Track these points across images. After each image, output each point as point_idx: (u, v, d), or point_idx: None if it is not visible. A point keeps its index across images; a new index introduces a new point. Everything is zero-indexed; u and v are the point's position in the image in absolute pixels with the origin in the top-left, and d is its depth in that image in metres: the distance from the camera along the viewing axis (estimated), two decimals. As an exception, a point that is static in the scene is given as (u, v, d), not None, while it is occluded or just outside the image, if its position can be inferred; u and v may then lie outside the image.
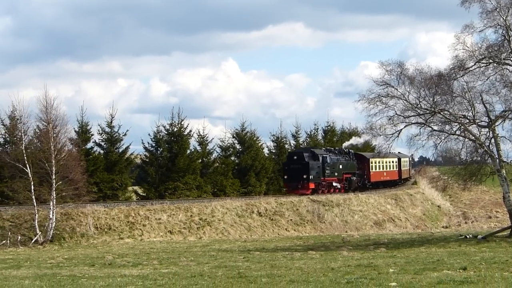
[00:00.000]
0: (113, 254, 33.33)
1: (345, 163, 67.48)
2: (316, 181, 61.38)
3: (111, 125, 58.08)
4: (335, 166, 64.97)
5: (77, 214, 44.50)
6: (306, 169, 60.12)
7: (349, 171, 68.26)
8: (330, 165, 63.55)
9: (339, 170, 65.77)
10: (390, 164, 78.18)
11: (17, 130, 46.31)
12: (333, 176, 64.33)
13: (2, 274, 23.93)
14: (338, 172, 65.44)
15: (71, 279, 21.44)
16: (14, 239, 40.72)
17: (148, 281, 20.25)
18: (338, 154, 67.67)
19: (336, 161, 65.49)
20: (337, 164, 65.48)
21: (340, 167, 65.98)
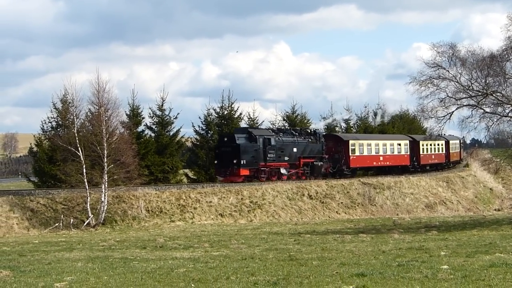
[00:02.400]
0: (164, 237, 33.52)
1: (304, 146, 57.50)
2: (252, 166, 52.50)
3: (162, 108, 58.55)
4: (285, 149, 55.37)
5: (128, 197, 44.87)
6: (237, 153, 51.38)
7: (312, 155, 58.50)
8: (275, 147, 54.20)
9: (293, 154, 56.13)
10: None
11: (69, 113, 46.75)
12: (281, 161, 54.91)
13: (55, 256, 24.22)
14: (291, 157, 55.86)
15: (123, 261, 21.61)
16: (66, 222, 41.22)
17: (199, 264, 20.32)
18: (295, 135, 57.59)
19: (287, 143, 55.83)
20: (289, 147, 55.92)
21: (294, 150, 56.22)
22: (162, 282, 16.62)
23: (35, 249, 27.47)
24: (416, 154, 71.94)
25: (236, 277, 17.24)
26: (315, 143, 58.98)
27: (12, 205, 40.88)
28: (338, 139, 62.97)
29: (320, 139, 59.84)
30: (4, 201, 40.90)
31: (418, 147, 71.93)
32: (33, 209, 41.39)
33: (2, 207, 40.47)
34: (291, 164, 56.20)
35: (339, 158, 61.75)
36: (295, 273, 17.55)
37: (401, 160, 68.82)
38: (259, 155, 52.74)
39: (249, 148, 52.11)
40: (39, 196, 42.66)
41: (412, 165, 70.80)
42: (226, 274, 17.67)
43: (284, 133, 57.15)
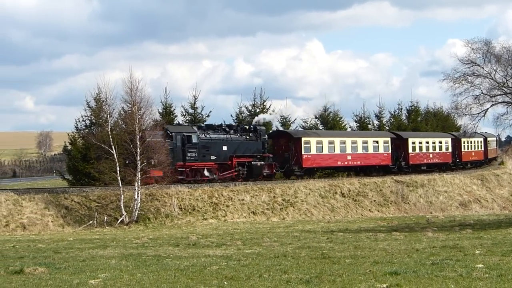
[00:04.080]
0: (197, 235, 33.61)
1: (238, 144, 51.32)
2: (166, 166, 45.65)
3: (195, 107, 58.88)
4: (211, 148, 49.45)
5: (161, 195, 45.05)
6: (147, 152, 45.05)
7: (249, 155, 52.26)
8: (198, 146, 48.26)
9: (222, 152, 50.05)
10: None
11: (103, 112, 47.01)
12: (205, 161, 48.89)
13: (90, 253, 24.40)
14: (219, 156, 49.92)
15: (156, 259, 21.71)
16: (100, 220, 41.49)
17: (232, 262, 20.34)
18: (228, 132, 51.54)
19: (215, 141, 50.02)
20: (217, 145, 49.96)
21: (223, 148, 50.07)
22: (195, 280, 16.67)
23: (69, 246, 27.70)
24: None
25: (268, 275, 17.24)
26: (254, 140, 52.69)
27: (47, 203, 41.27)
28: (289, 137, 56.70)
29: (261, 136, 53.39)
30: (39, 199, 41.32)
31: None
32: (68, 207, 41.74)
33: (38, 204, 40.88)
34: (220, 164, 50.24)
35: (289, 157, 55.14)
36: (327, 271, 17.51)
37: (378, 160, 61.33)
38: (176, 155, 46.92)
39: (162, 147, 45.50)
40: (73, 194, 43.01)
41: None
42: (258, 272, 17.68)
43: (214, 129, 51.18)
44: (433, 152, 66.91)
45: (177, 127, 49.56)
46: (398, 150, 63.81)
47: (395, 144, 63.31)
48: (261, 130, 53.98)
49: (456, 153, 70.68)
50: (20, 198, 40.91)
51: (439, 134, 72.19)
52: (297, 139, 55.55)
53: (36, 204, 40.89)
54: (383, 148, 61.50)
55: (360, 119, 73.21)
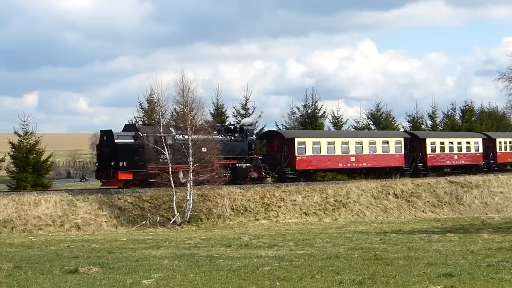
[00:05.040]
0: (249, 235, 33.62)
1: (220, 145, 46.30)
2: (137, 169, 44.03)
3: (246, 107, 59.12)
4: (188, 149, 44.04)
5: (213, 196, 45.19)
6: (114, 154, 43.53)
7: (233, 156, 48.38)
8: (173, 147, 44.41)
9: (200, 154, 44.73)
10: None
11: (155, 113, 47.31)
12: (181, 163, 44.17)
13: (142, 253, 24.56)
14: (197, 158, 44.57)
15: (209, 259, 21.75)
16: (153, 220, 41.77)
17: (284, 262, 20.30)
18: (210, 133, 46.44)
19: None
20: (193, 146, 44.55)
21: (202, 150, 44.68)
22: (247, 280, 16.65)
23: (123, 247, 27.93)
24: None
25: (321, 276, 17.16)
26: (240, 141, 49.07)
27: (101, 203, 41.72)
28: (281, 137, 53.37)
29: (248, 137, 49.73)
30: (93, 199, 41.79)
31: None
32: (121, 207, 42.13)
33: (92, 205, 41.35)
34: (199, 166, 45.08)
35: (281, 159, 51.55)
36: (381, 273, 17.37)
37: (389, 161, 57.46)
38: (148, 156, 44.00)
39: (133, 148, 43.71)
40: (126, 195, 43.39)
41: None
42: (311, 273, 17.61)
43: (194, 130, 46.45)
44: (459, 153, 62.39)
45: (150, 127, 45.90)
46: (415, 151, 60.04)
47: (411, 145, 59.89)
48: (248, 130, 50.28)
49: (489, 154, 66.22)
50: (75, 199, 41.44)
51: (467, 134, 68.00)
52: (290, 139, 52.14)
53: (90, 204, 41.37)
54: (394, 148, 57.79)
55: (413, 119, 72.55)
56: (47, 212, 39.83)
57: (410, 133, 62.88)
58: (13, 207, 39.27)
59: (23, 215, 39.06)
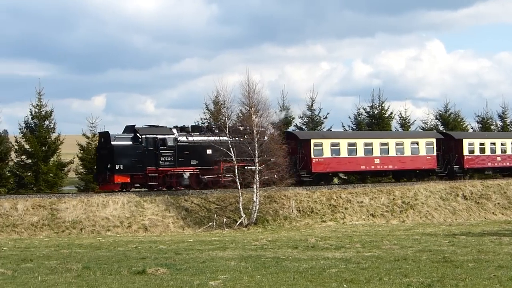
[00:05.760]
0: (316, 237, 33.50)
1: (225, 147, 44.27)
2: (135, 172, 43.09)
3: (312, 108, 58.97)
4: (191, 151, 44.82)
5: (279, 197, 45.15)
6: (111, 156, 42.61)
7: (242, 159, 44.75)
8: (174, 149, 44.01)
9: (205, 156, 44.94)
10: None
11: (221, 114, 47.46)
12: (184, 165, 44.21)
13: (209, 255, 24.67)
14: (202, 160, 44.96)
15: (275, 261, 21.73)
16: (219, 221, 41.93)
17: (351, 264, 20.16)
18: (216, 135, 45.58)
19: (197, 144, 45.20)
20: (200, 149, 45.05)
21: (208, 152, 44.72)
22: (314, 282, 16.59)
23: (190, 248, 28.09)
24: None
25: (388, 278, 17.00)
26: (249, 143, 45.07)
27: (168, 205, 42.06)
28: (295, 139, 50.20)
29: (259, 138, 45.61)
30: (160, 201, 42.16)
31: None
32: (188, 209, 42.41)
33: (159, 206, 41.72)
34: (204, 169, 45.12)
35: (295, 161, 48.91)
36: (450, 275, 17.13)
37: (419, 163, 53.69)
38: (147, 159, 43.13)
39: (130, 151, 42.89)
40: (193, 196, 43.66)
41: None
42: (378, 275, 17.46)
43: (201, 131, 46.48)
44: (503, 154, 57.24)
45: (150, 129, 44.88)
46: (450, 152, 55.87)
47: (446, 146, 56.08)
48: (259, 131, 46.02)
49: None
50: (142, 200, 41.86)
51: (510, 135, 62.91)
52: (305, 141, 49.46)
53: (157, 206, 41.74)
54: (425, 150, 54.11)
55: (482, 120, 71.23)
56: (115, 213, 40.35)
57: (444, 133, 59.31)
58: (81, 209, 39.90)
59: (92, 217, 39.65)
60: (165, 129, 45.31)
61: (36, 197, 40.30)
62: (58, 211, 39.36)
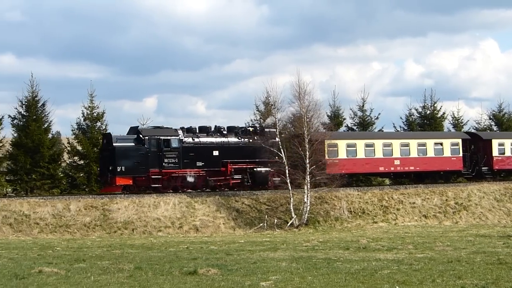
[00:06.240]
0: (367, 238, 33.28)
1: (234, 148, 45.03)
2: (137, 174, 42.53)
3: (363, 109, 58.75)
4: (197, 153, 43.95)
5: (331, 198, 44.98)
6: (113, 158, 42.09)
7: (251, 160, 44.82)
8: (179, 151, 43.32)
9: (212, 158, 44.21)
10: None
11: (271, 115, 47.44)
12: (189, 167, 43.61)
13: (260, 255, 24.63)
14: (208, 161, 44.07)
15: (327, 262, 21.61)
16: (270, 222, 41.90)
17: (403, 266, 19.97)
18: (225, 135, 45.45)
19: (202, 146, 44.30)
20: (206, 150, 44.24)
21: (215, 153, 44.25)
22: (366, 284, 16.45)
23: (240, 249, 28.10)
24: None
25: (442, 280, 16.80)
26: (260, 144, 44.01)
27: (219, 205, 42.18)
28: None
29: (269, 139, 44.37)
30: (211, 202, 42.30)
31: None
32: (238, 210, 42.48)
33: (210, 207, 41.86)
34: (210, 171, 44.33)
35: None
36: (505, 277, 16.86)
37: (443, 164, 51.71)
38: (150, 160, 42.55)
39: (132, 152, 42.33)
40: (243, 197, 43.71)
41: None
42: (431, 277, 17.25)
43: (208, 133, 45.32)
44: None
45: (153, 130, 44.53)
46: (478, 153, 53.53)
47: (475, 147, 54.03)
48: (270, 132, 45.51)
49: None
50: (193, 201, 42.05)
51: None
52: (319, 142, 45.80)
53: (208, 206, 41.89)
54: (450, 151, 51.88)
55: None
56: (166, 214, 40.59)
57: (472, 133, 57.07)
58: (133, 209, 40.24)
59: (143, 217, 39.96)
60: (169, 130, 44.67)
61: (88, 198, 40.75)
62: (110, 212, 39.76)
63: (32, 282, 17.13)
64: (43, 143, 47.58)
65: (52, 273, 18.74)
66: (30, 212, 38.69)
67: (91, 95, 51.07)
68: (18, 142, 47.95)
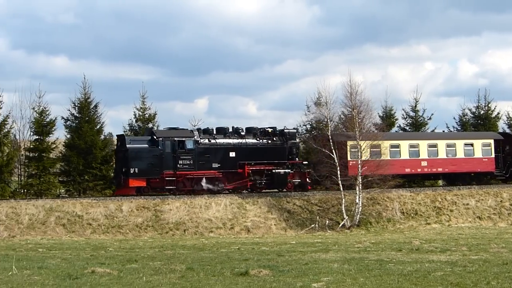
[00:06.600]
0: (420, 239, 32.93)
1: (251, 150, 44.67)
2: (151, 176, 42.16)
3: (416, 109, 58.29)
4: (213, 154, 43.60)
5: (383, 199, 44.66)
6: (126, 159, 41.92)
7: (270, 161, 44.89)
8: (194, 152, 42.97)
9: (228, 159, 43.86)
10: None
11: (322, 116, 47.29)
12: (205, 168, 43.29)
13: (312, 257, 24.52)
14: (224, 163, 43.70)
15: (379, 263, 21.42)
16: (322, 223, 41.75)
17: (457, 268, 19.69)
18: (242, 137, 44.91)
19: (218, 147, 43.93)
20: (221, 151, 43.88)
21: (231, 155, 44.00)
22: (419, 285, 16.26)
23: (292, 250, 28.02)
24: None
25: (497, 282, 16.53)
26: (279, 145, 45.14)
27: (270, 207, 42.16)
28: None
29: (289, 140, 45.54)
30: (262, 203, 42.31)
31: None
32: (290, 211, 42.42)
33: (261, 208, 41.88)
34: (226, 172, 43.94)
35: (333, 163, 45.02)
36: None
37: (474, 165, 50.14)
38: (164, 162, 42.20)
39: (145, 154, 42.06)
40: (295, 198, 43.64)
41: None
42: (486, 279, 16.97)
43: (225, 134, 44.79)
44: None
45: (167, 131, 44.08)
46: None
47: (510, 147, 51.60)
48: (290, 133, 45.97)
49: None
50: (244, 202, 42.11)
51: None
52: (341, 143, 45.14)
53: (259, 207, 41.91)
54: (481, 151, 50.20)
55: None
56: (218, 215, 40.71)
57: (506, 134, 54.91)
58: (185, 210, 40.43)
59: (195, 218, 40.13)
60: (185, 131, 44.33)
61: (140, 199, 41.03)
62: (162, 213, 40.01)
63: (85, 282, 17.27)
64: (95, 144, 48.15)
65: (105, 273, 18.88)
66: (83, 213, 39.13)
67: (142, 96, 51.58)
68: (71, 143, 48.58)
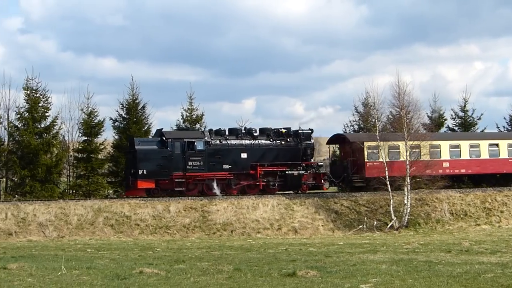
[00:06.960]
0: (470, 241, 32.57)
1: (264, 150, 43.93)
2: (160, 177, 41.62)
3: (465, 109, 57.65)
4: (224, 155, 42.91)
5: (431, 200, 44.25)
6: (134, 161, 41.42)
7: (282, 162, 44.02)
8: (204, 153, 42.26)
9: (240, 161, 43.11)
10: None
11: (371, 116, 47.11)
12: (216, 170, 42.64)
13: (360, 258, 24.39)
14: (236, 164, 43.03)
15: (428, 265, 21.23)
16: (370, 224, 41.52)
17: (508, 269, 19.44)
18: (254, 137, 44.14)
19: (230, 148, 43.26)
20: (233, 152, 43.16)
21: (243, 156, 43.20)
22: (469, 287, 16.04)
23: (340, 251, 27.92)
24: None
25: (550, 284, 16.22)
26: (293, 146, 44.54)
27: (317, 207, 42.05)
28: (347, 141, 46.73)
29: (303, 141, 44.81)
30: (310, 203, 42.23)
31: None
32: (337, 211, 42.25)
33: (308, 209, 41.80)
34: (238, 174, 43.31)
35: (347, 165, 45.90)
36: None
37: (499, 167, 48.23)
38: (174, 163, 41.65)
39: (154, 155, 41.52)
40: (342, 199, 43.47)
41: None
42: (538, 281, 16.68)
43: (237, 134, 44.06)
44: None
45: (177, 132, 44.61)
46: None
47: None
48: (304, 134, 44.99)
49: None
50: (292, 203, 42.06)
51: None
52: (358, 143, 44.96)
53: (306, 208, 41.83)
54: (507, 152, 48.42)
55: None
56: (265, 215, 40.72)
57: None
58: (232, 211, 40.51)
59: (242, 219, 40.18)
60: (195, 132, 44.42)
61: (188, 200, 41.20)
62: (209, 213, 40.14)
63: (133, 282, 17.38)
64: (143, 145, 48.37)
65: (153, 273, 18.98)
66: (130, 214, 39.42)
67: (190, 97, 51.88)
68: (119, 144, 49.02)
